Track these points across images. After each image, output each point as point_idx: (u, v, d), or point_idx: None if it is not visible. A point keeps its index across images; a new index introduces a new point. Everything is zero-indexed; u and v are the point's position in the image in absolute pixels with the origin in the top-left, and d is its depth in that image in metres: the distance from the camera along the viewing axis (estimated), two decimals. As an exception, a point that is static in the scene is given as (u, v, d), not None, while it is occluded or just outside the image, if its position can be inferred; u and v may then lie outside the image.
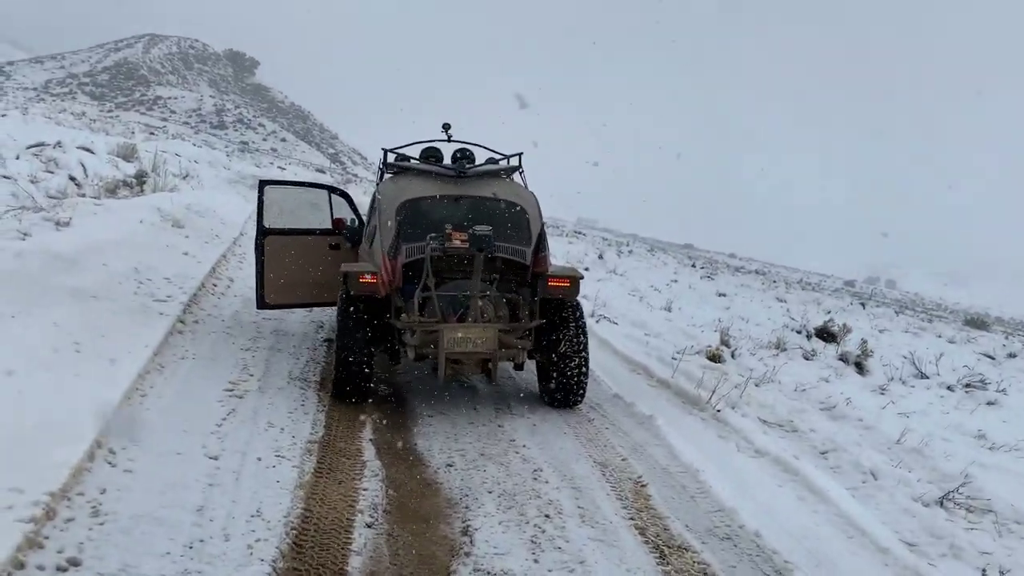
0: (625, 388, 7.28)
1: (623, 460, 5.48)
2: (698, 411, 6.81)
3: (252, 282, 9.71)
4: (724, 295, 20.64)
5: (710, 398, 6.88)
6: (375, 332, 6.22)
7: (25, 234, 7.94)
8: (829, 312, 19.99)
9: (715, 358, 8.94)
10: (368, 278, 6.06)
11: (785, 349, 10.88)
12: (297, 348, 7.32)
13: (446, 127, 7.53)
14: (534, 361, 6.78)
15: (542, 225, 6.72)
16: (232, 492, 4.16)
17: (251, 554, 3.59)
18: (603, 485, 5.02)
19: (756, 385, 7.84)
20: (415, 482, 4.90)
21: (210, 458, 4.52)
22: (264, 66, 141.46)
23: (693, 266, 34.44)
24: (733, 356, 9.42)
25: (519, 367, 6.60)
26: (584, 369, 6.44)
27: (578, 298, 6.66)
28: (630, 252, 33.20)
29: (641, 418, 6.40)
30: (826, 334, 13.08)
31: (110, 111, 77.81)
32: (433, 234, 6.20)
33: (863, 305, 29.71)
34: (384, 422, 5.89)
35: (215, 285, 9.06)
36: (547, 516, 4.48)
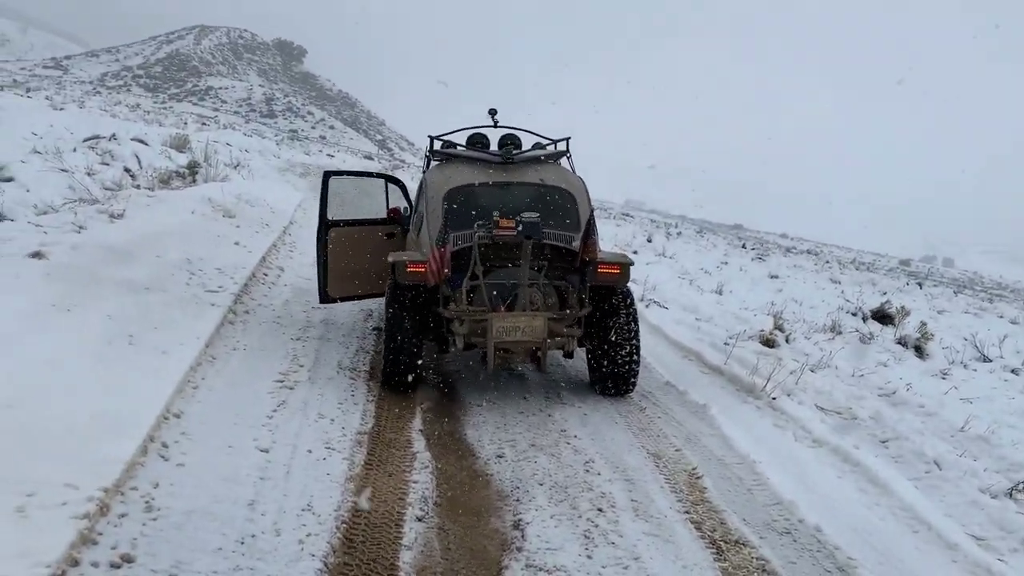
0: (677, 375, 7.14)
1: (677, 451, 5.36)
2: (753, 399, 6.65)
3: (302, 271, 9.81)
4: (776, 277, 20.24)
5: (765, 385, 6.71)
6: (423, 321, 6.18)
7: (81, 227, 8.06)
8: (885, 293, 19.49)
9: (769, 343, 8.74)
10: (416, 267, 6.01)
11: (841, 332, 10.60)
12: (346, 338, 7.33)
13: (492, 112, 7.43)
14: (584, 349, 6.68)
15: (591, 210, 6.59)
16: (283, 486, 4.16)
17: (302, 549, 3.57)
18: (657, 477, 4.91)
19: (812, 371, 7.63)
20: (465, 474, 4.85)
21: (261, 451, 4.53)
22: (311, 54, 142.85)
23: (743, 247, 33.88)
24: (787, 341, 9.20)
25: (569, 355, 6.50)
26: (635, 357, 6.32)
27: (628, 284, 6.53)
28: (679, 234, 32.79)
29: (694, 407, 6.27)
30: (883, 316, 12.74)
31: (163, 102, 79.41)
32: (481, 222, 6.12)
33: (920, 285, 28.94)
34: (433, 412, 5.86)
35: (265, 275, 9.13)
36: (600, 510, 4.39)
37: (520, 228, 5.84)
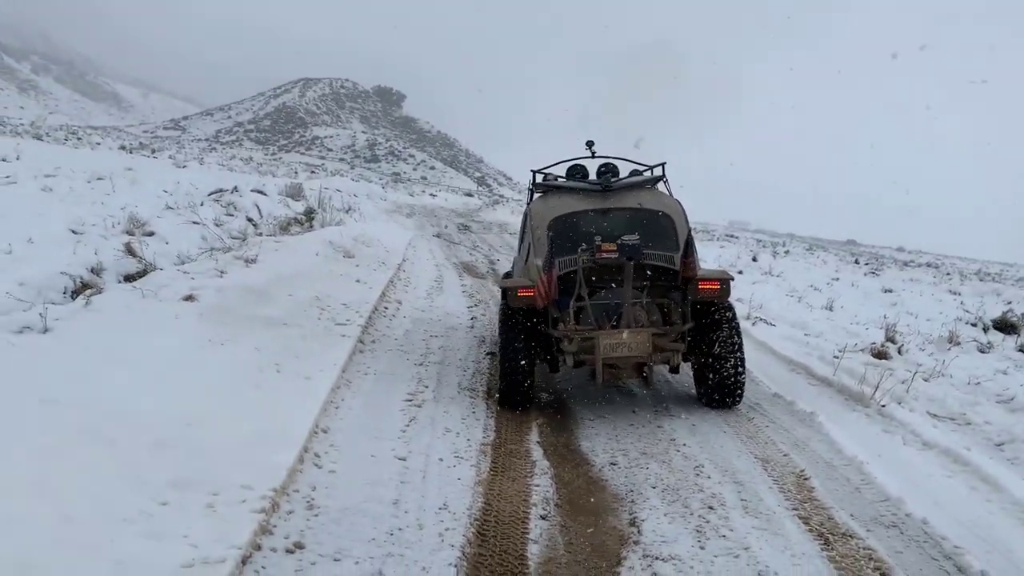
0: (784, 387, 7.31)
1: (784, 455, 5.58)
2: (862, 407, 6.75)
3: (417, 303, 10.46)
4: (890, 291, 19.69)
5: (874, 393, 6.79)
6: (535, 342, 6.61)
7: (222, 271, 8.93)
8: (1009, 303, 18.68)
9: (880, 355, 8.71)
10: (526, 292, 6.46)
11: (959, 343, 10.34)
12: (463, 361, 7.85)
13: (589, 144, 7.88)
14: (690, 364, 6.96)
15: (689, 230, 6.90)
16: (420, 488, 4.67)
17: (442, 541, 4.04)
18: (765, 479, 5.15)
19: (925, 380, 7.62)
20: (582, 479, 5.23)
21: (399, 459, 5.07)
22: (410, 98, 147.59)
23: (856, 263, 32.90)
24: (900, 352, 9.12)
25: (674, 370, 6.80)
26: (740, 369, 6.55)
27: (732, 301, 6.78)
28: (786, 252, 32.19)
29: (802, 415, 6.44)
30: (1005, 325, 12.32)
31: (273, 154, 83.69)
32: (584, 246, 6.54)
33: (1051, 293, 27.39)
34: (548, 426, 6.27)
35: (386, 308, 9.81)
36: (711, 508, 4.68)
37: (621, 250, 6.23)
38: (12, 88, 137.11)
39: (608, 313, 6.61)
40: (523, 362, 6.43)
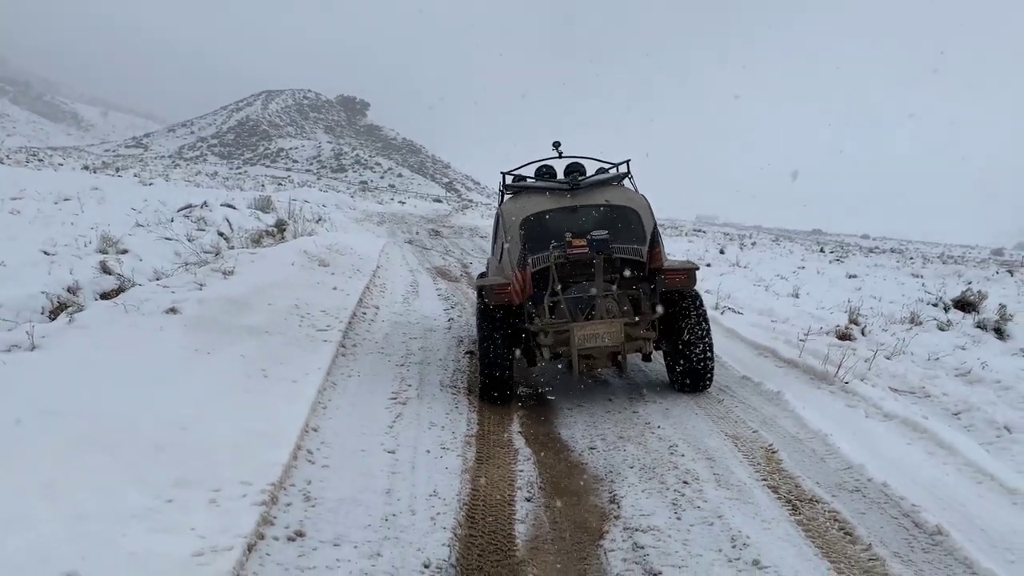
0: (752, 370, 7.62)
1: (754, 432, 5.88)
2: (826, 385, 7.08)
3: (394, 308, 10.66)
4: (855, 276, 20.19)
5: (837, 372, 7.12)
6: (512, 337, 6.87)
7: (201, 284, 9.07)
8: (969, 283, 19.23)
9: (844, 336, 9.06)
10: (502, 290, 6.74)
11: (920, 323, 10.72)
12: (443, 361, 8.08)
13: (556, 145, 8.16)
14: (662, 352, 7.26)
15: (655, 224, 7.22)
16: (411, 478, 4.90)
17: (434, 524, 4.28)
18: (735, 454, 5.45)
19: (887, 358, 7.98)
20: (563, 464, 5.49)
21: (388, 452, 5.29)
22: (374, 106, 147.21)
23: (822, 251, 33.58)
24: (863, 333, 9.48)
25: (647, 358, 7.11)
26: (709, 354, 6.84)
27: (700, 291, 7.09)
28: (753, 244, 32.77)
29: (769, 395, 6.75)
30: (964, 304, 12.72)
31: (238, 168, 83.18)
32: (555, 243, 6.82)
33: (1011, 273, 28.15)
34: (529, 417, 6.53)
35: (364, 313, 10.00)
36: (685, 483, 4.96)
37: (591, 245, 6.52)
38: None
39: (581, 306, 6.88)
40: (502, 356, 6.68)
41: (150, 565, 3.29)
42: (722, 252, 23.98)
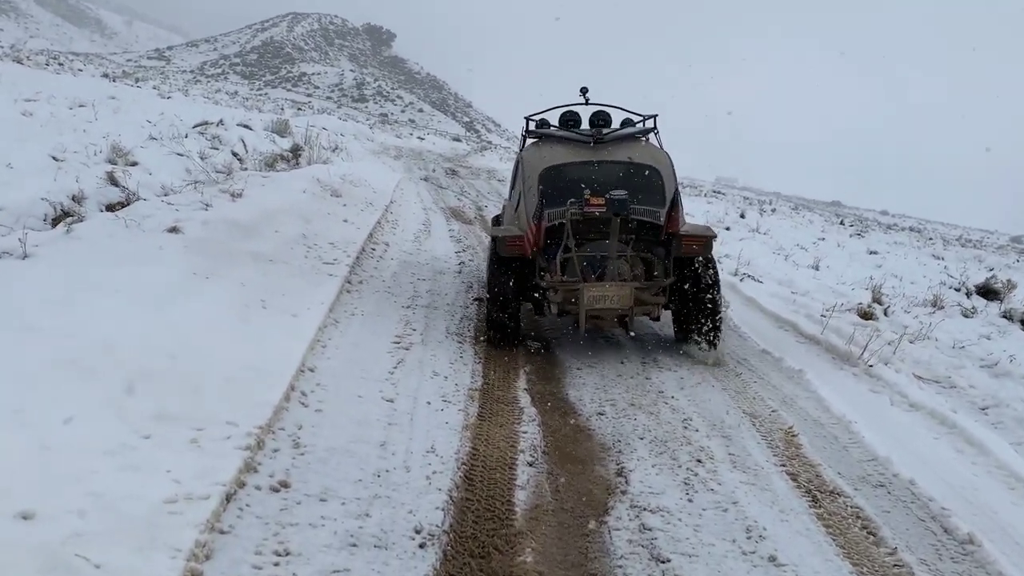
0: (773, 344, 7.29)
1: (773, 411, 5.56)
2: (849, 366, 6.75)
3: (405, 247, 10.31)
4: (875, 253, 19.75)
5: (862, 354, 6.79)
6: (522, 285, 6.60)
7: (207, 204, 8.73)
8: (992, 269, 18.79)
9: (867, 316, 8.72)
10: (514, 242, 6.44)
11: (943, 307, 10.40)
12: (451, 306, 7.76)
13: (583, 91, 7.75)
14: (670, 312, 7.00)
15: (676, 186, 6.93)
16: (408, 431, 4.61)
17: (429, 484, 3.99)
18: (753, 434, 5.14)
19: (911, 342, 7.63)
20: (569, 428, 5.19)
21: (387, 401, 5.00)
22: (400, 38, 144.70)
23: (841, 223, 33.02)
24: (886, 314, 9.15)
25: (655, 318, 6.85)
26: (718, 310, 6.60)
27: (720, 257, 6.76)
28: (773, 211, 32.15)
29: (790, 372, 6.43)
30: (988, 291, 12.38)
31: (259, 89, 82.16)
32: (573, 199, 6.49)
33: (1032, 261, 27.61)
34: (536, 374, 6.22)
35: (374, 249, 9.67)
36: (699, 461, 4.66)
37: (609, 205, 6.18)
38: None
39: (593, 265, 6.66)
40: (510, 302, 6.50)
41: (115, 509, 3.01)
42: (742, 216, 23.48)
